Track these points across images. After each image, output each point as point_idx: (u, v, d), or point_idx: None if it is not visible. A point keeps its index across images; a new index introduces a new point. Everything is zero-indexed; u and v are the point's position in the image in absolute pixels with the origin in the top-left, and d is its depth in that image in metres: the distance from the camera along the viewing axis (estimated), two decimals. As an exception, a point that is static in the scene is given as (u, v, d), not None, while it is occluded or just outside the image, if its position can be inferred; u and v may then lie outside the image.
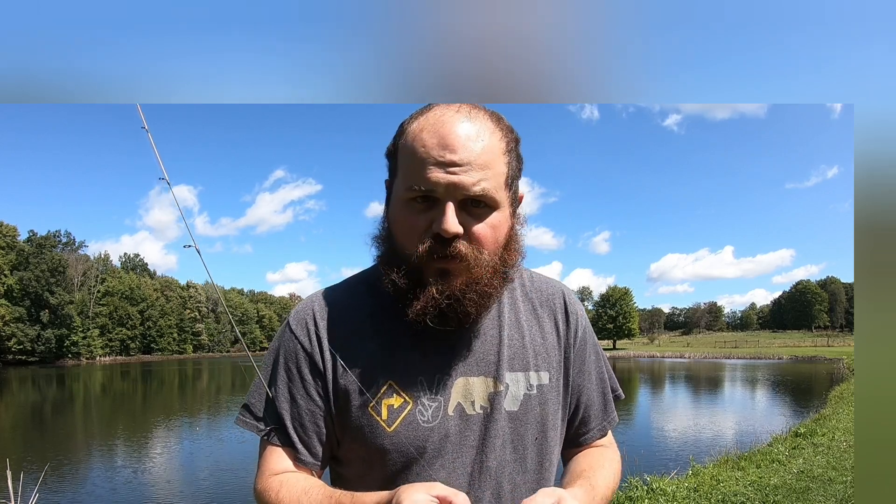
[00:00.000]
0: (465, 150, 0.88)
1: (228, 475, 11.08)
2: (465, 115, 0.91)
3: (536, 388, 1.00)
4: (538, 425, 1.01)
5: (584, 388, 1.10)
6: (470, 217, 0.90)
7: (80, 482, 10.93)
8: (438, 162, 0.87)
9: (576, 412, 1.10)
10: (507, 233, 0.95)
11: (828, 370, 37.55)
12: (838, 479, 6.76)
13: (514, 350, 1.00)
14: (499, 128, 0.94)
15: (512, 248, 0.97)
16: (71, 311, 74.14)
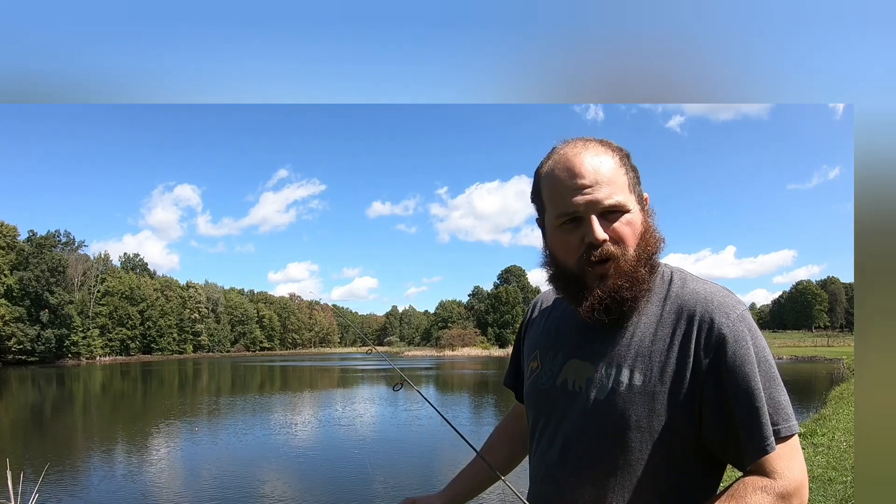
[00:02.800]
0: (592, 173, 1.08)
1: (228, 475, 11.08)
2: (581, 147, 1.12)
3: (626, 387, 1.06)
4: (620, 422, 1.06)
5: (716, 413, 1.04)
6: (610, 224, 1.08)
7: (80, 482, 10.93)
8: (575, 188, 1.08)
9: (715, 434, 1.05)
10: (641, 227, 1.12)
11: (828, 370, 37.54)
12: (838, 479, 6.76)
13: (627, 345, 1.09)
14: (610, 149, 1.13)
15: (649, 238, 1.12)
16: (71, 311, 74.14)
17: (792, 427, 1.03)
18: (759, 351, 1.04)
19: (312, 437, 15.69)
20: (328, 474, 11.22)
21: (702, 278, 1.15)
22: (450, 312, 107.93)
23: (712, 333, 1.03)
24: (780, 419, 1.03)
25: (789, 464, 1.02)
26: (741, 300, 1.08)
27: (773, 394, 1.04)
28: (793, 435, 1.04)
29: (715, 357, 1.03)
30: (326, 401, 25.27)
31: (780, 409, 1.04)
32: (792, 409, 1.06)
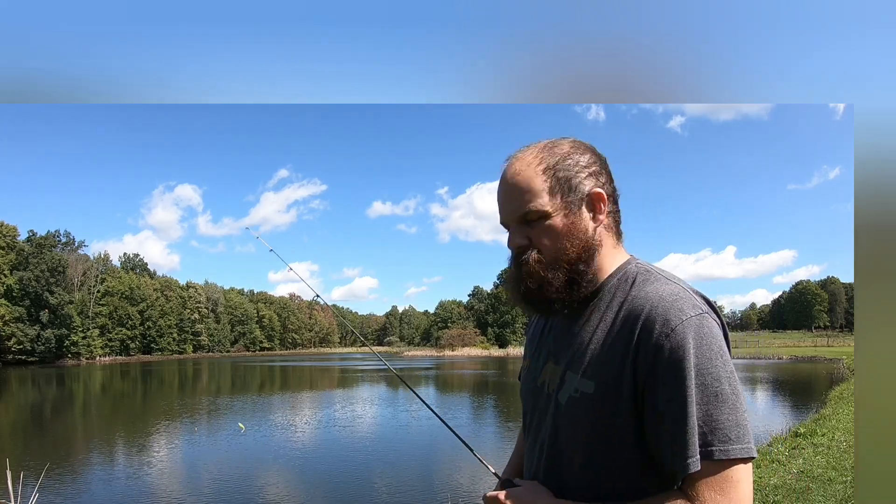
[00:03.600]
0: (509, 184, 1.13)
1: (228, 475, 11.08)
2: (512, 158, 1.16)
3: (580, 394, 1.06)
4: (586, 427, 1.05)
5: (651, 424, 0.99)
6: (531, 230, 1.12)
7: (80, 482, 10.93)
8: (499, 200, 1.16)
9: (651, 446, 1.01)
10: (563, 230, 1.11)
11: (828, 370, 37.54)
12: (838, 479, 6.76)
13: (583, 351, 1.09)
14: (538, 155, 1.14)
15: (571, 240, 1.10)
16: (71, 311, 74.12)
17: (730, 451, 0.93)
18: (703, 363, 0.96)
19: (312, 437, 15.69)
20: (327, 474, 11.22)
21: (666, 278, 1.08)
22: (450, 312, 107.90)
23: (650, 342, 0.97)
24: (716, 440, 0.93)
25: (717, 494, 0.92)
26: (697, 304, 1.00)
27: (713, 412, 0.95)
28: (732, 460, 0.93)
29: (652, 367, 0.97)
30: (326, 401, 25.27)
31: (718, 429, 0.94)
32: (742, 433, 0.95)
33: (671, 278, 1.08)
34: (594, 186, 1.14)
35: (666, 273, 1.11)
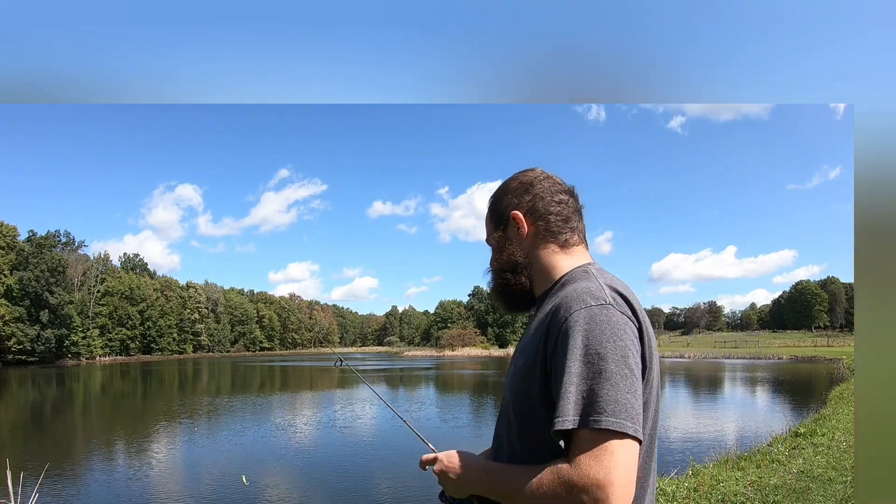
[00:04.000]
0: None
1: (227, 475, 11.07)
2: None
3: (515, 368, 1.25)
4: (518, 398, 1.21)
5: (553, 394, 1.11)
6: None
7: (79, 482, 10.93)
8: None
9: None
10: (494, 249, 1.40)
11: (828, 370, 37.54)
12: (838, 479, 6.76)
13: (526, 337, 1.27)
14: (494, 194, 1.43)
15: (500, 257, 1.37)
16: (71, 311, 74.09)
17: (603, 422, 1.00)
18: (592, 343, 1.06)
19: (311, 437, 15.69)
20: (327, 474, 11.22)
21: (594, 276, 1.20)
22: (450, 312, 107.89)
23: (556, 324, 1.12)
24: (593, 411, 1.01)
25: (592, 460, 0.99)
26: (602, 297, 1.12)
27: (594, 386, 1.03)
28: (606, 431, 0.99)
29: (554, 345, 1.11)
30: (325, 401, 25.27)
31: (596, 401, 1.02)
32: (619, 409, 1.01)
33: (597, 277, 1.20)
34: (512, 208, 1.35)
35: (599, 274, 1.22)
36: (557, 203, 1.33)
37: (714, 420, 17.97)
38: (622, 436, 1.00)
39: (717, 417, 18.60)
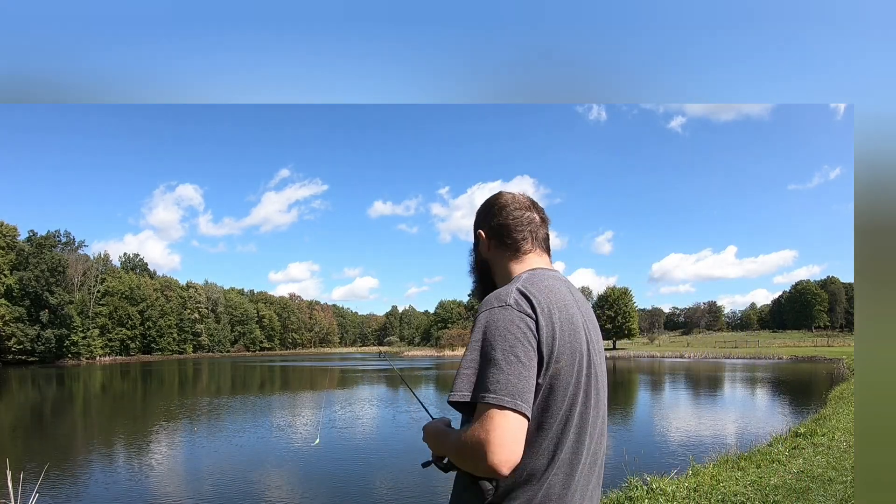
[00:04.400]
0: None
1: (227, 476, 11.08)
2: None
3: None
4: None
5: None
6: None
7: (79, 482, 10.93)
8: None
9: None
10: (472, 262, 1.73)
11: (828, 370, 37.54)
12: (838, 479, 6.76)
13: None
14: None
15: (472, 267, 1.71)
16: (71, 311, 74.08)
17: (488, 398, 1.26)
18: (489, 335, 1.32)
19: (311, 437, 15.69)
20: (327, 475, 11.22)
21: (514, 283, 1.44)
22: (450, 312, 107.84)
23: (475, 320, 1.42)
24: (481, 389, 1.28)
25: (479, 425, 1.25)
26: (503, 300, 1.37)
27: (485, 370, 1.29)
28: (489, 404, 1.25)
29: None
30: (326, 401, 25.26)
31: (484, 382, 1.28)
32: (500, 388, 1.26)
33: (517, 282, 1.43)
34: (478, 227, 1.66)
35: (526, 279, 1.45)
36: (512, 220, 1.58)
37: (714, 420, 17.97)
38: (502, 408, 1.24)
39: (717, 417, 18.60)
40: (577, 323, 1.41)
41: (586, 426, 1.39)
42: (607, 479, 8.48)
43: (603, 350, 1.53)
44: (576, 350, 1.38)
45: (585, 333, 1.43)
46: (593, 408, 1.42)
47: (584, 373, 1.40)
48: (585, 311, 1.49)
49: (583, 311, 1.47)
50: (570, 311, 1.41)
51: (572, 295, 1.47)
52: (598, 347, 1.49)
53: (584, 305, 1.51)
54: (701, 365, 51.46)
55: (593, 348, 1.45)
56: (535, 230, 1.59)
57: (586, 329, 1.45)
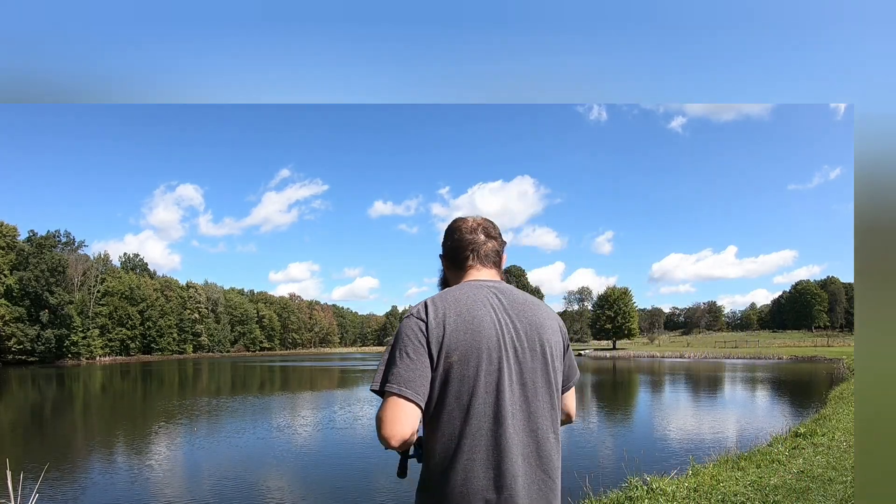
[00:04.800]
0: None
1: (227, 476, 11.08)
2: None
3: None
4: None
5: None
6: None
7: (79, 482, 10.93)
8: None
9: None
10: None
11: (828, 370, 37.54)
12: (838, 479, 6.76)
13: None
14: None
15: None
16: (71, 311, 74.06)
17: (385, 386, 1.57)
18: (395, 339, 1.65)
19: (311, 438, 15.69)
20: (327, 475, 11.22)
21: (434, 296, 1.72)
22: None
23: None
24: (381, 380, 1.59)
25: (380, 406, 1.57)
26: (411, 310, 1.69)
27: (387, 365, 1.61)
28: (385, 392, 1.57)
29: None
30: (326, 402, 25.26)
31: (384, 374, 1.59)
32: (387, 379, 1.58)
33: (437, 295, 1.71)
34: (442, 248, 1.96)
35: (446, 291, 1.74)
36: (458, 243, 1.87)
37: (714, 420, 17.97)
38: (391, 394, 1.55)
39: (717, 417, 18.60)
40: (484, 324, 1.62)
41: (502, 417, 1.57)
42: (607, 480, 8.47)
43: (543, 349, 1.67)
44: (474, 347, 1.58)
45: (498, 333, 1.62)
46: (509, 401, 1.59)
47: (493, 367, 1.58)
48: (516, 314, 1.68)
49: (510, 314, 1.68)
50: (475, 314, 1.63)
51: (498, 301, 1.69)
52: (526, 346, 1.65)
53: (516, 309, 1.69)
54: (701, 365, 51.46)
55: (511, 346, 1.63)
56: (478, 249, 1.85)
57: (504, 329, 1.64)
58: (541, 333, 1.69)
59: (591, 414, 20.47)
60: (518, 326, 1.66)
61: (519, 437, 1.58)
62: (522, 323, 1.67)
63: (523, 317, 1.69)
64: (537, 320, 1.70)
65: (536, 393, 1.64)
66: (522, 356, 1.63)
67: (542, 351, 1.67)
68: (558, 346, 1.74)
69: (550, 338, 1.70)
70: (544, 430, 1.63)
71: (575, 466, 10.72)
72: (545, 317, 1.73)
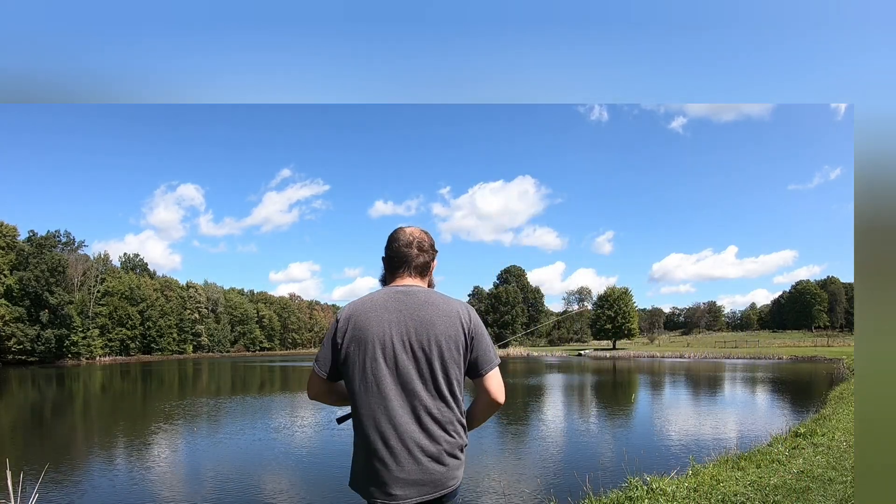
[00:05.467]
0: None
1: (227, 476, 11.07)
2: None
3: None
4: None
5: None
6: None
7: (80, 482, 10.93)
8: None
9: None
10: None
11: (828, 370, 37.54)
12: (838, 479, 6.76)
13: None
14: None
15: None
16: (71, 311, 74.05)
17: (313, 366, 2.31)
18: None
19: (311, 438, 15.69)
20: (327, 475, 11.22)
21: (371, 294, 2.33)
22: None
23: None
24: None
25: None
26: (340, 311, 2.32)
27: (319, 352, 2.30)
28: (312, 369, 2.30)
29: None
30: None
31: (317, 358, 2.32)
32: (316, 361, 2.28)
33: (356, 300, 2.30)
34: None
35: (370, 294, 2.27)
36: (395, 252, 2.31)
37: (714, 420, 17.97)
38: (313, 371, 2.28)
39: (717, 417, 18.60)
40: (381, 322, 2.14)
41: (385, 387, 2.11)
42: (607, 480, 8.49)
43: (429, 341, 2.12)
44: (364, 339, 2.14)
45: (381, 330, 2.13)
46: (383, 377, 2.11)
47: (369, 355, 2.12)
48: (409, 314, 2.15)
49: (408, 313, 2.15)
50: (376, 315, 2.15)
51: (400, 303, 2.17)
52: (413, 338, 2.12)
53: (422, 311, 2.15)
54: (701, 365, 51.46)
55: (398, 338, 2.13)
56: (410, 262, 2.29)
57: (395, 326, 2.14)
58: (429, 329, 2.13)
59: (591, 414, 20.47)
60: (409, 324, 2.13)
61: (401, 408, 2.10)
62: (413, 321, 2.14)
63: (416, 316, 2.14)
64: (428, 318, 2.14)
65: (412, 374, 2.11)
66: (407, 346, 2.12)
67: (427, 342, 2.12)
68: (452, 339, 2.14)
69: (441, 332, 2.13)
70: (427, 404, 2.11)
71: (575, 466, 10.72)
72: (438, 315, 2.15)
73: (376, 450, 2.08)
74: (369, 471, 2.10)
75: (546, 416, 19.40)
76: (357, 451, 2.17)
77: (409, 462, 2.06)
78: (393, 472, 2.06)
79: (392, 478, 2.06)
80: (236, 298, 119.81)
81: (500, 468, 11.20)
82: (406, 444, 2.07)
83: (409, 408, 2.10)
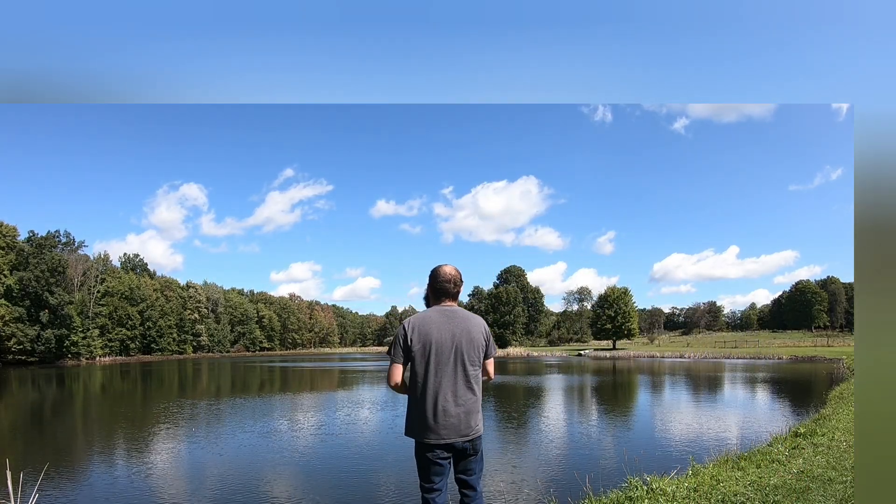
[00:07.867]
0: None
1: (227, 476, 11.08)
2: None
3: None
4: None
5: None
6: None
7: (80, 482, 10.92)
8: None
9: None
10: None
11: (828, 370, 37.53)
12: (838, 479, 6.76)
13: None
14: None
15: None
16: (71, 311, 74.03)
17: (390, 358, 3.69)
18: (395, 335, 3.73)
19: (311, 438, 15.69)
20: (327, 476, 11.22)
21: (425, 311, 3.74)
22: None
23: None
24: (390, 355, 3.71)
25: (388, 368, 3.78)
26: (405, 321, 3.68)
27: (391, 348, 3.69)
28: (390, 361, 3.68)
29: None
30: (326, 402, 25.26)
31: (391, 353, 3.68)
32: (391, 354, 3.67)
33: (415, 315, 3.72)
34: (427, 285, 3.86)
35: (425, 312, 3.71)
36: (440, 285, 3.69)
37: (714, 420, 17.97)
38: (392, 362, 3.61)
39: (717, 417, 18.60)
40: (435, 330, 3.56)
41: (440, 370, 3.53)
42: (607, 480, 8.50)
43: (468, 341, 3.61)
44: (426, 343, 3.54)
45: (439, 335, 3.55)
46: (439, 364, 3.53)
47: (431, 351, 3.52)
48: (457, 325, 3.60)
49: (452, 325, 3.58)
50: (432, 326, 3.56)
51: (447, 318, 3.60)
52: (458, 340, 3.57)
53: (461, 323, 3.61)
54: (701, 365, 51.45)
55: (448, 342, 3.55)
56: (449, 292, 3.68)
57: (446, 333, 3.56)
58: (466, 335, 3.59)
59: (591, 414, 20.47)
60: (455, 331, 3.56)
61: (451, 379, 3.53)
62: (458, 329, 3.57)
63: (459, 327, 3.58)
64: (466, 328, 3.60)
65: (457, 362, 3.55)
66: (452, 345, 3.54)
67: (466, 343, 3.57)
68: (479, 339, 3.64)
69: (474, 336, 3.61)
70: (462, 381, 3.55)
71: (575, 466, 10.73)
72: (471, 326, 3.62)
73: (435, 405, 3.49)
74: (425, 421, 3.52)
75: (546, 417, 19.39)
76: (414, 409, 3.61)
77: (453, 414, 3.49)
78: (441, 422, 3.49)
79: (443, 424, 3.48)
80: (236, 298, 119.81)
81: (500, 468, 11.19)
82: (455, 401, 3.50)
83: (453, 380, 3.51)
